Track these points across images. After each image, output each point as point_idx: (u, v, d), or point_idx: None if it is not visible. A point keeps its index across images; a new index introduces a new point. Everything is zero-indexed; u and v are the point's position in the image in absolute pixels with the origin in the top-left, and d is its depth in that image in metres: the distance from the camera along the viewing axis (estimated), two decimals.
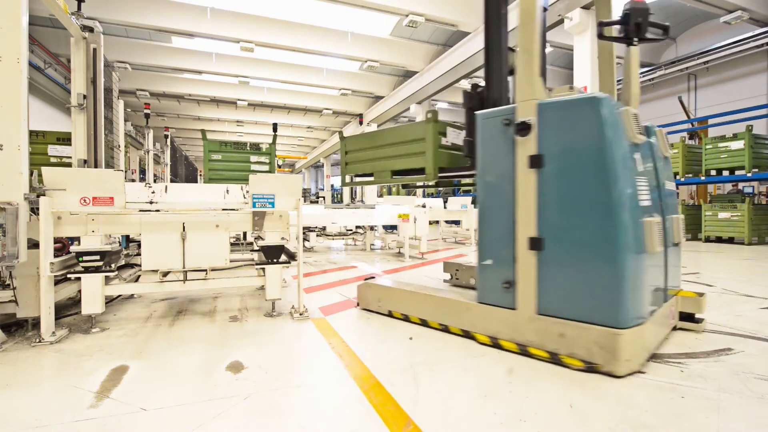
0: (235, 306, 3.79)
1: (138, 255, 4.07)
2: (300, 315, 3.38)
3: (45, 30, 11.42)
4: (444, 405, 1.89)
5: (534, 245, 2.46)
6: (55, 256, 3.02)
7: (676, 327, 2.93)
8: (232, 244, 6.19)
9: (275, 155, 7.56)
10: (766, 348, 2.60)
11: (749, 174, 8.93)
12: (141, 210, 3.20)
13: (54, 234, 2.91)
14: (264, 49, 12.28)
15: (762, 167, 9.04)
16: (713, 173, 9.64)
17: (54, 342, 2.75)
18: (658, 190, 2.71)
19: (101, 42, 3.95)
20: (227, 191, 3.60)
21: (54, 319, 2.87)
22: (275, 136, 8.00)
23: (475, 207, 10.53)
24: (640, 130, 2.51)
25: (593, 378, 2.15)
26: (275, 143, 7.60)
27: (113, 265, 3.15)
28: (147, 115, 10.93)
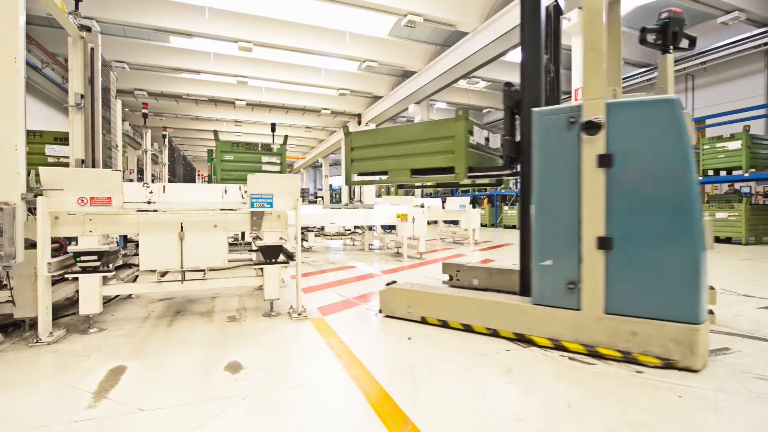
0: (234, 306, 3.78)
1: (136, 255, 4.05)
2: (298, 315, 3.38)
3: (42, 29, 11.39)
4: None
5: (603, 244, 2.41)
6: (53, 256, 3.01)
7: None
8: (230, 244, 6.18)
9: (286, 156, 7.62)
10: (764, 347, 2.61)
11: (746, 174, 8.96)
12: (139, 210, 3.19)
13: (51, 234, 2.90)
14: (262, 49, 12.27)
15: (759, 167, 9.08)
16: (711, 173, 9.67)
17: (51, 342, 2.74)
18: None
19: (99, 41, 3.94)
20: (225, 191, 3.59)
21: (51, 320, 2.86)
22: (286, 137, 8.11)
23: (473, 207, 10.53)
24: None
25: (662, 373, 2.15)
26: (286, 144, 7.67)
27: (111, 266, 3.14)
28: (145, 115, 10.90)
